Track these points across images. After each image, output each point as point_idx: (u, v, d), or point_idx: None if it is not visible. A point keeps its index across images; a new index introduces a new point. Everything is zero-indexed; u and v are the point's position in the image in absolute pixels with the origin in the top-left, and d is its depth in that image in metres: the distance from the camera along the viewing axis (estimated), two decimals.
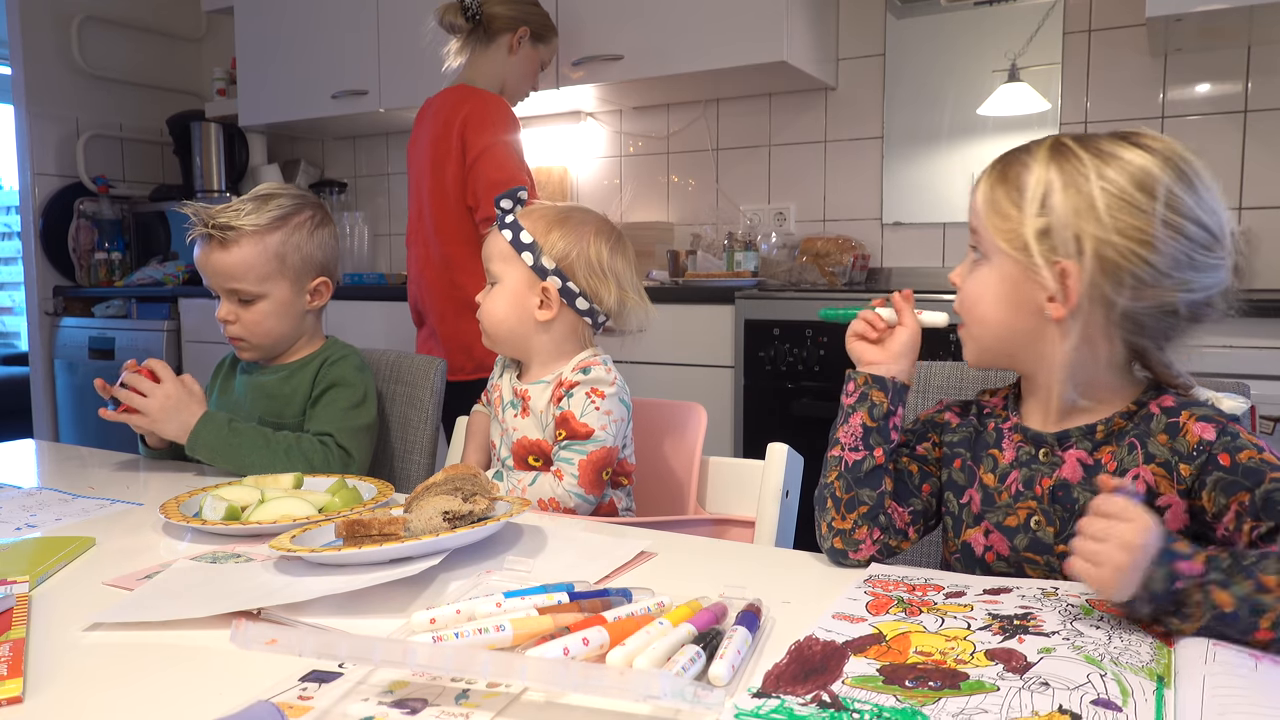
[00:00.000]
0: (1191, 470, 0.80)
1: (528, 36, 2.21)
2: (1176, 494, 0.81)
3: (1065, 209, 0.80)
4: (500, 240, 1.23)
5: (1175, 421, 0.82)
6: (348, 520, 0.84)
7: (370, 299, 2.83)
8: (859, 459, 0.92)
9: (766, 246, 2.73)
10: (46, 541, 0.95)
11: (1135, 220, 0.78)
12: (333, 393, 1.39)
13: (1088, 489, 0.83)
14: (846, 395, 0.95)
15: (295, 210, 1.40)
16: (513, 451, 1.24)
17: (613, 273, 1.23)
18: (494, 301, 1.24)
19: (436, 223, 2.15)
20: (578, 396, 1.17)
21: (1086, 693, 0.57)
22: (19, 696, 0.60)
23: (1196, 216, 0.79)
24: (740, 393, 2.28)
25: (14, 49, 3.57)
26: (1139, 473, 0.81)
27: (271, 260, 1.37)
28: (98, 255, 3.72)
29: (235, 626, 0.59)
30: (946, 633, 0.67)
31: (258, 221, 1.36)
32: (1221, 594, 0.65)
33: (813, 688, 0.59)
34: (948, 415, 0.98)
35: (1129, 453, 0.83)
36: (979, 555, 0.90)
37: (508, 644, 0.65)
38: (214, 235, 1.34)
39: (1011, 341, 0.88)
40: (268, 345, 1.42)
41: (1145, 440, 0.83)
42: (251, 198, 1.39)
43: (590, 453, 1.15)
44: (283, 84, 3.30)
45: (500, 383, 1.29)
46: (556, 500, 1.15)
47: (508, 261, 1.22)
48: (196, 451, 1.28)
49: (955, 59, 2.61)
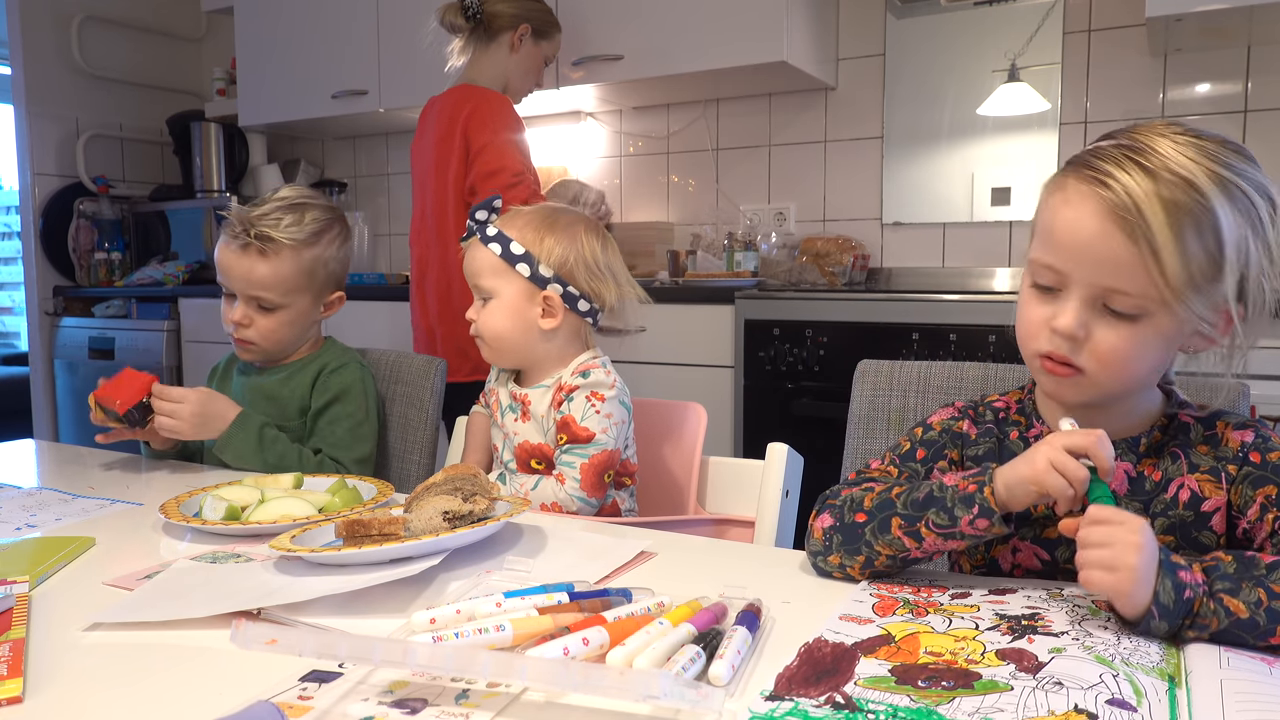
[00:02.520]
0: (1238, 469, 0.81)
1: (529, 34, 2.21)
2: (1224, 493, 0.81)
3: (1256, 260, 0.76)
4: (486, 254, 1.20)
5: (1213, 433, 0.83)
6: (348, 520, 0.84)
7: (370, 299, 2.83)
8: (916, 557, 0.82)
9: (766, 246, 2.73)
10: (46, 541, 0.95)
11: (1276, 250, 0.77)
12: (337, 409, 1.40)
13: (1136, 499, 0.82)
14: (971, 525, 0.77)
15: (328, 226, 1.41)
16: (515, 455, 1.23)
17: (609, 270, 1.23)
18: (492, 317, 1.21)
19: (439, 223, 2.15)
20: (578, 400, 1.17)
21: (1100, 692, 0.57)
22: (19, 696, 0.60)
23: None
24: (740, 393, 2.28)
25: (14, 49, 3.57)
26: (1183, 481, 0.82)
27: (302, 275, 1.38)
28: (98, 255, 3.72)
29: (235, 626, 0.59)
30: (955, 633, 0.67)
31: (297, 236, 1.36)
32: (1234, 601, 0.66)
33: (825, 689, 0.59)
34: (964, 425, 0.92)
35: (1173, 463, 0.82)
36: (1005, 570, 0.88)
37: (508, 644, 0.65)
38: (254, 244, 1.35)
39: (1136, 384, 0.83)
40: (275, 351, 1.43)
41: (1188, 451, 0.83)
42: (287, 207, 1.38)
43: (592, 456, 1.15)
44: (283, 84, 3.30)
45: (497, 388, 1.29)
46: (559, 504, 1.15)
47: (500, 275, 1.20)
48: (224, 454, 1.30)
49: (955, 59, 2.61)
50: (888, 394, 1.23)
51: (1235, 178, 0.75)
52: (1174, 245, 0.73)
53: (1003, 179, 2.57)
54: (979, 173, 2.60)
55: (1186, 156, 0.74)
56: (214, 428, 1.29)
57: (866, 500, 0.83)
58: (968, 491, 0.78)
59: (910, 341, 2.04)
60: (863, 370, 1.25)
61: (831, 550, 0.82)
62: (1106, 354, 0.78)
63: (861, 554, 0.81)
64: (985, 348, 1.97)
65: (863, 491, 0.85)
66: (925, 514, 0.78)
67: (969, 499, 0.77)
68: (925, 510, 0.79)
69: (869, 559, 0.81)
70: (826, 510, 0.85)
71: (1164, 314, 0.76)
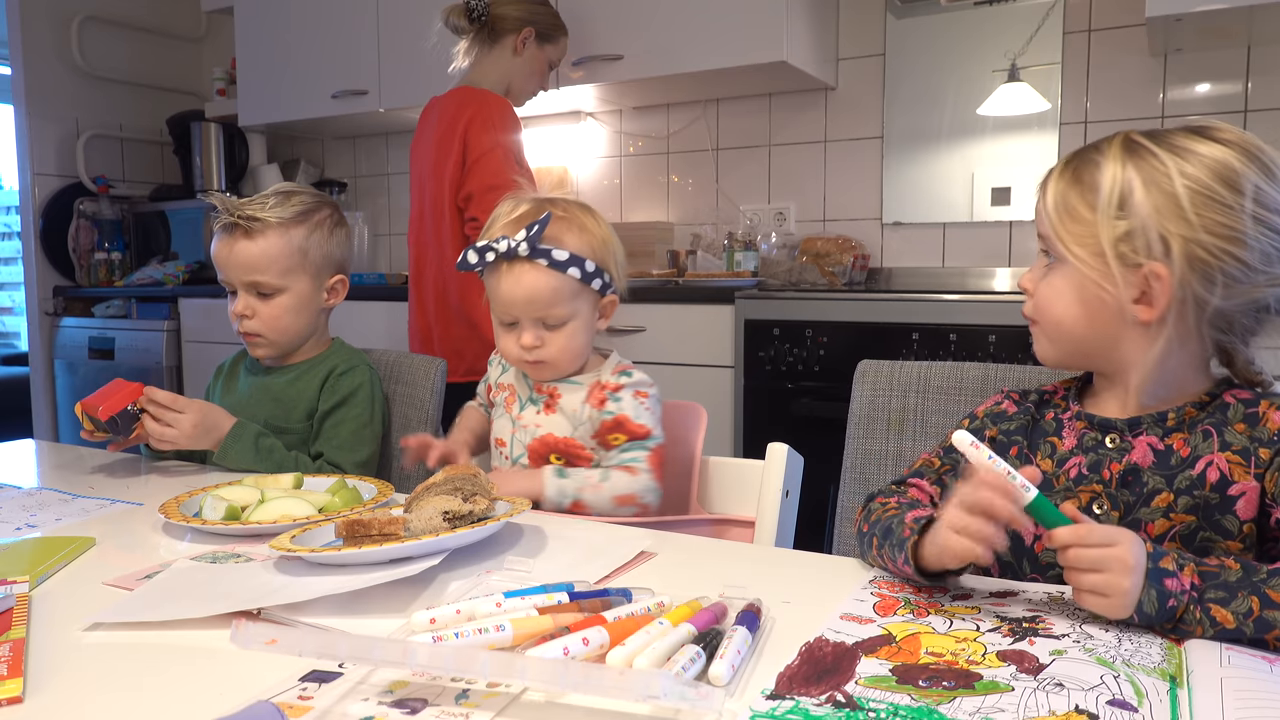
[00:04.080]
0: (1270, 453, 0.78)
1: (533, 37, 2.20)
2: (1253, 478, 0.79)
3: (1148, 209, 0.78)
4: (564, 280, 1.13)
5: (1255, 411, 0.81)
6: (348, 520, 0.84)
7: (370, 299, 2.83)
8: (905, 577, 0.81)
9: (766, 246, 2.73)
10: (46, 541, 0.95)
11: (1223, 217, 0.77)
12: (343, 411, 1.40)
13: (1159, 473, 0.81)
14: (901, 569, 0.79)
15: (316, 208, 1.42)
16: (530, 449, 1.22)
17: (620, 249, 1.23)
18: (573, 339, 1.17)
19: (436, 223, 2.15)
20: (626, 400, 1.19)
21: (1101, 693, 0.58)
22: (19, 696, 0.60)
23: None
24: (740, 393, 2.28)
25: (14, 49, 3.57)
26: (1212, 459, 0.80)
27: (295, 254, 1.38)
28: (98, 255, 3.72)
29: (235, 626, 0.59)
30: (956, 634, 0.67)
31: (283, 214, 1.37)
32: (1223, 611, 0.66)
33: (826, 688, 0.59)
34: (1005, 404, 0.96)
35: (1204, 440, 0.81)
36: (1028, 544, 0.88)
37: (508, 644, 0.65)
38: (240, 224, 1.35)
39: (1089, 344, 0.86)
40: (284, 342, 1.42)
41: (1222, 429, 0.81)
42: (273, 193, 1.40)
43: (653, 449, 1.19)
44: (283, 84, 3.29)
45: (507, 380, 1.27)
46: (635, 495, 1.15)
47: (579, 296, 1.16)
48: (223, 463, 1.31)
49: (955, 59, 2.61)
50: (888, 394, 1.23)
51: (1151, 144, 0.79)
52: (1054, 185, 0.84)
53: (1003, 179, 2.57)
54: (979, 173, 2.60)
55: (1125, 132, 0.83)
56: (211, 438, 1.30)
57: (875, 513, 0.86)
58: (903, 536, 0.78)
59: (910, 341, 2.04)
60: (863, 370, 1.25)
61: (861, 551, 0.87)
62: (1038, 301, 0.88)
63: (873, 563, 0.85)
64: (985, 348, 1.97)
65: (881, 503, 0.88)
66: (885, 544, 0.81)
67: (902, 544, 0.78)
68: (885, 541, 0.81)
69: (881, 567, 0.84)
70: (864, 509, 0.90)
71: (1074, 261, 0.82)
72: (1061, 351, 0.89)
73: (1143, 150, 0.80)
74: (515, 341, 1.18)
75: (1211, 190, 0.77)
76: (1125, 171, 0.80)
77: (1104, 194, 0.80)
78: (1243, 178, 0.77)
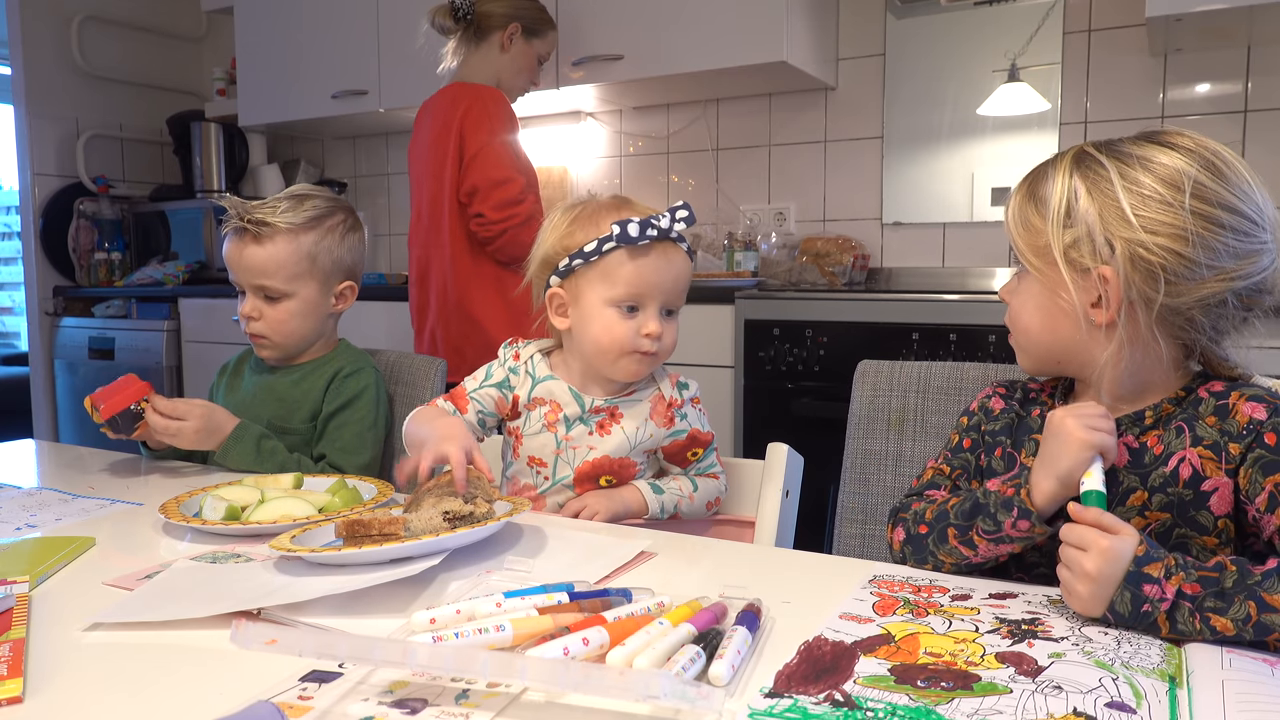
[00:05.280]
0: (1240, 449, 0.79)
1: (519, 32, 2.20)
2: (1224, 474, 0.79)
3: (1093, 215, 0.80)
4: (691, 267, 1.14)
5: (1225, 403, 0.81)
6: (348, 520, 0.84)
7: (370, 299, 2.83)
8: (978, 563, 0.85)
9: (766, 246, 2.73)
10: (46, 541, 0.95)
11: (1163, 215, 0.78)
12: (347, 413, 1.40)
13: (1134, 471, 0.82)
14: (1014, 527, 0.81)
15: (329, 212, 1.41)
16: (578, 472, 1.14)
17: None
18: (677, 331, 1.15)
19: (435, 223, 2.15)
20: (691, 413, 1.20)
21: (1100, 696, 0.58)
22: (19, 696, 0.60)
23: (1228, 202, 0.78)
24: (740, 393, 2.28)
25: (14, 49, 3.57)
26: (1185, 455, 0.80)
27: (303, 260, 1.38)
28: (98, 255, 3.72)
29: (235, 626, 0.59)
30: (955, 635, 0.68)
31: (293, 220, 1.36)
32: (1222, 620, 0.66)
33: (825, 687, 0.59)
34: (993, 401, 0.97)
35: (1176, 436, 0.82)
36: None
37: (508, 644, 0.65)
38: (249, 229, 1.35)
39: (1057, 349, 0.88)
40: (289, 345, 1.42)
41: (1193, 424, 0.82)
42: (287, 196, 1.40)
43: (716, 447, 1.24)
44: (283, 84, 3.29)
45: (548, 395, 1.15)
46: (719, 497, 1.22)
47: None
48: (224, 464, 1.31)
49: (955, 59, 2.61)
50: (888, 394, 1.23)
51: (1099, 154, 0.82)
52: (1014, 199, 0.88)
53: (1003, 179, 2.57)
54: (979, 173, 2.60)
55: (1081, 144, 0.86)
56: (214, 440, 1.30)
57: (928, 512, 0.87)
58: (1006, 495, 0.81)
59: (910, 341, 2.04)
60: (863, 370, 1.25)
61: (907, 560, 0.88)
62: (1010, 311, 0.92)
63: (929, 563, 0.86)
64: (985, 348, 1.97)
65: (925, 504, 0.89)
66: (975, 522, 0.83)
67: (1009, 502, 0.81)
68: (974, 518, 0.83)
69: (936, 567, 0.86)
70: (900, 525, 0.90)
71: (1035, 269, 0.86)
72: (1034, 359, 0.92)
73: (1090, 160, 0.83)
74: (635, 330, 1.10)
75: (1152, 190, 0.79)
76: (1071, 181, 0.83)
77: (1053, 204, 0.83)
78: (1183, 175, 0.78)
